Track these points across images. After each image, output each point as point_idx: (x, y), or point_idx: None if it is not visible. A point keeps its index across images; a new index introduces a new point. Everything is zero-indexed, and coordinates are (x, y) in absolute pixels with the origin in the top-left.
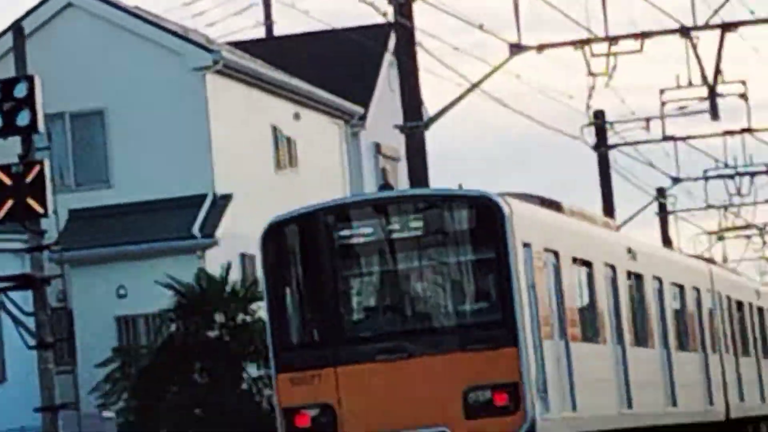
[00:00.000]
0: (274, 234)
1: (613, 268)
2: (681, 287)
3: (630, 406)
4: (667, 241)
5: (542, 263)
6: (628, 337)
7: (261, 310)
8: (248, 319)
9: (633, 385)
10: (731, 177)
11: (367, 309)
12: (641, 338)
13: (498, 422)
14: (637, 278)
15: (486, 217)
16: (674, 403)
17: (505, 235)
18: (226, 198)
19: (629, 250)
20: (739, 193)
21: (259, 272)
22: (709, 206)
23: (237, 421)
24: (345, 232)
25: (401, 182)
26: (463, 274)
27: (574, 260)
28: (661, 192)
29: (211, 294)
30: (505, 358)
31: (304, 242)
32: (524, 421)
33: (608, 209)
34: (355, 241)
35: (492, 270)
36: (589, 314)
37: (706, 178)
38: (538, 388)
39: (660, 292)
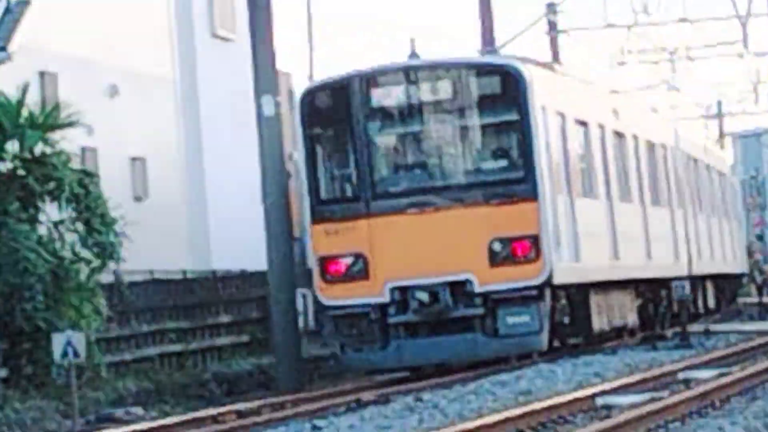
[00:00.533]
0: (311, 98)
1: (602, 128)
2: (653, 145)
3: (617, 257)
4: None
5: (555, 125)
6: (615, 193)
7: (64, 140)
8: (48, 150)
9: (620, 238)
10: None
11: (398, 166)
12: (624, 194)
13: (520, 270)
14: (620, 137)
15: (510, 83)
16: (650, 256)
17: (526, 100)
18: (23, 4)
19: (614, 111)
20: (645, 10)
21: (63, 96)
22: (610, 25)
23: (32, 272)
24: (377, 96)
25: None
26: (488, 135)
27: (576, 121)
28: (551, 7)
29: (2, 120)
30: (527, 211)
31: (339, 105)
32: (543, 269)
33: (488, 26)
34: (386, 104)
35: (515, 131)
36: (586, 171)
37: None
38: (554, 240)
39: (637, 150)
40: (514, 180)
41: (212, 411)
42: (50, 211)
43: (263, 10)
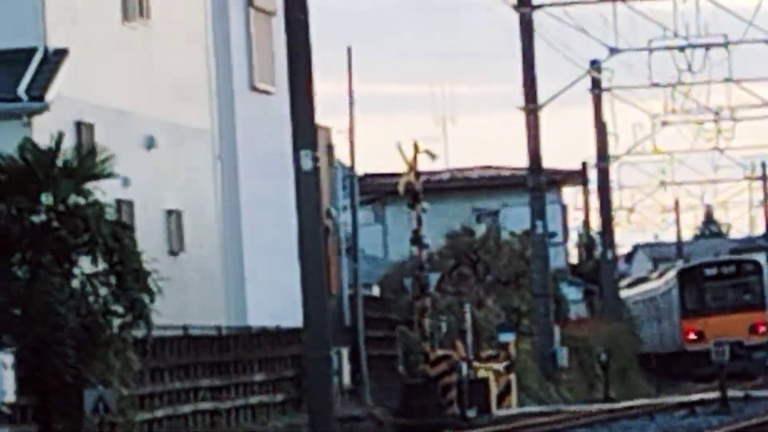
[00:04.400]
0: None
1: None
2: None
3: None
4: (600, 125)
5: None
6: None
7: (98, 191)
8: (82, 201)
9: None
10: (681, 49)
11: None
12: None
13: None
14: None
15: None
16: None
17: None
18: (61, 53)
19: None
20: (689, 69)
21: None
22: (654, 84)
23: (63, 325)
24: None
25: (276, 42)
26: None
27: None
28: (595, 64)
29: (38, 169)
30: None
31: None
32: None
33: (530, 83)
34: None
35: None
36: None
37: (651, 50)
38: None
39: None
40: None
41: None
42: (83, 263)
43: (303, 64)
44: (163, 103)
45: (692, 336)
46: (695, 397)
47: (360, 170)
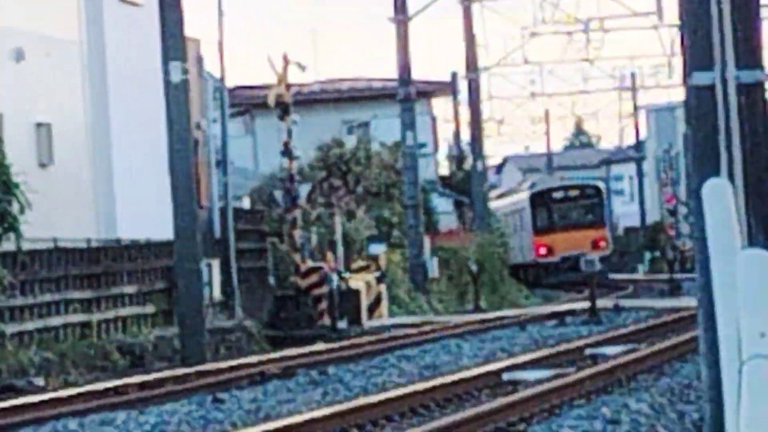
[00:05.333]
0: None
1: None
2: None
3: None
4: (470, 36)
5: None
6: None
7: None
8: None
9: None
10: None
11: None
12: None
13: None
14: None
15: None
16: None
17: None
18: None
19: None
20: None
21: None
22: None
23: None
24: None
25: None
26: None
27: None
28: None
29: None
30: None
31: None
32: None
33: None
34: None
35: None
36: None
37: None
38: None
39: None
40: None
41: (115, 382)
42: None
43: None
44: (31, 16)
45: (542, 251)
46: (565, 307)
47: (230, 82)
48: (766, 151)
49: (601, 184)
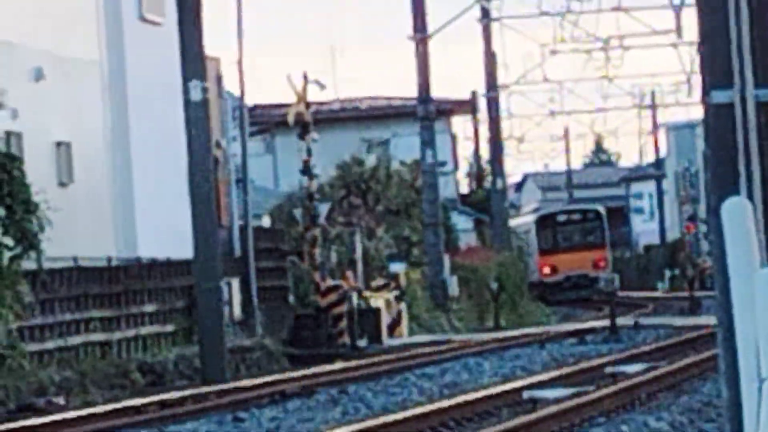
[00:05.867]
0: None
1: None
2: None
3: None
4: (490, 54)
5: None
6: None
7: None
8: None
9: None
10: None
11: None
12: None
13: None
14: None
15: None
16: None
17: None
18: None
19: None
20: None
21: None
22: (543, 13)
23: None
24: None
25: None
26: None
27: None
28: None
29: None
30: None
31: None
32: None
33: (419, 12)
34: None
35: None
36: None
37: None
38: None
39: None
40: None
41: (135, 401)
42: None
43: None
44: (51, 35)
45: (546, 270)
46: (586, 325)
47: (250, 101)
48: None
49: (601, 208)
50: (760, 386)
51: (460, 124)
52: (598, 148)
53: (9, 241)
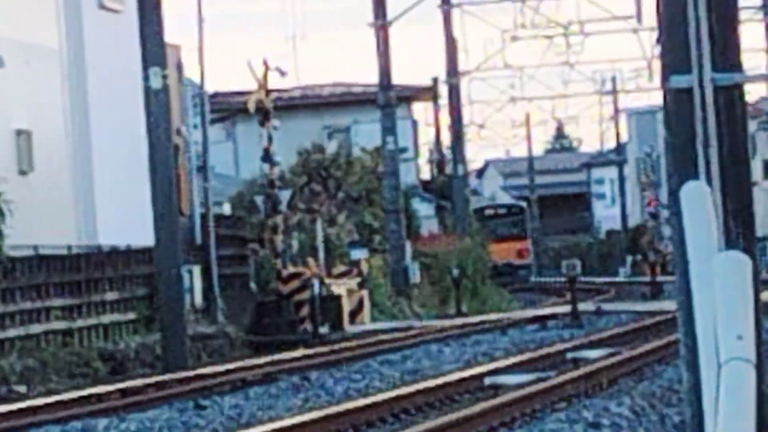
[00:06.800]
0: None
1: None
2: None
3: None
4: (450, 41)
5: None
6: None
7: None
8: None
9: None
10: None
11: None
12: None
13: None
14: None
15: None
16: None
17: None
18: None
19: None
20: None
21: None
22: None
23: None
24: None
25: None
26: None
27: None
28: None
29: None
30: None
31: None
32: None
33: (380, 2)
34: None
35: None
36: None
37: None
38: None
39: None
40: None
41: (97, 389)
42: None
43: None
44: (10, 22)
45: None
46: (547, 311)
47: (210, 88)
48: (743, 153)
49: (524, 204)
50: (718, 370)
51: (422, 110)
52: (560, 134)
53: None
